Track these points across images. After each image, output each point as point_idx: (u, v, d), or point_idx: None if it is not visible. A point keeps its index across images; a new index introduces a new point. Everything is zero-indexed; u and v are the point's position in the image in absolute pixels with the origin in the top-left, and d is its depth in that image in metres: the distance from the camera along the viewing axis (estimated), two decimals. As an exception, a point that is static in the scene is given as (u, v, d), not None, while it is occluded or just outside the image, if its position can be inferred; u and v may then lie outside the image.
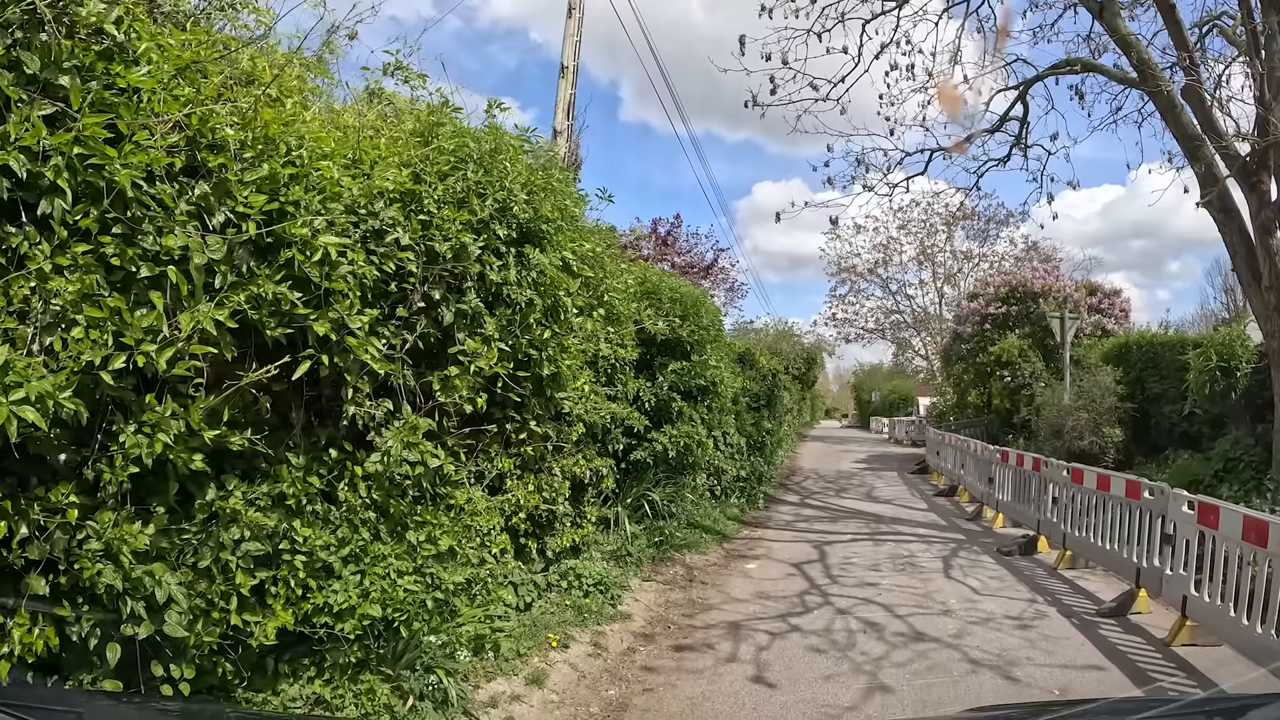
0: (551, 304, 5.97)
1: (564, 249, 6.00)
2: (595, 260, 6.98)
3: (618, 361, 7.97)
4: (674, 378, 10.68)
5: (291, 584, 4.83)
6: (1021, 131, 17.18)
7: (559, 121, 12.74)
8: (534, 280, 5.63)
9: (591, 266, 6.88)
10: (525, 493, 6.81)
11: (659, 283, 10.83)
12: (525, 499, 6.81)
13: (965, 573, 10.11)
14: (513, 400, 6.31)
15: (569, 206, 6.46)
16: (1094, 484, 9.93)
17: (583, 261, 6.40)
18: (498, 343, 5.39)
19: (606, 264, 7.66)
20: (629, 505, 10.75)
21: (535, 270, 5.60)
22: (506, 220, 5.50)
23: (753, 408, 16.19)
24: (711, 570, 10.24)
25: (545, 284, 5.72)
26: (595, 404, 7.65)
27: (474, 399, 5.40)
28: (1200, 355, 13.25)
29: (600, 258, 7.33)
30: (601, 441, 8.62)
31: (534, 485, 6.93)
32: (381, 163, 4.97)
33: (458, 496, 6.12)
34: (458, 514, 5.98)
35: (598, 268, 7.12)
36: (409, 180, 4.93)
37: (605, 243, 7.53)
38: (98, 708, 2.43)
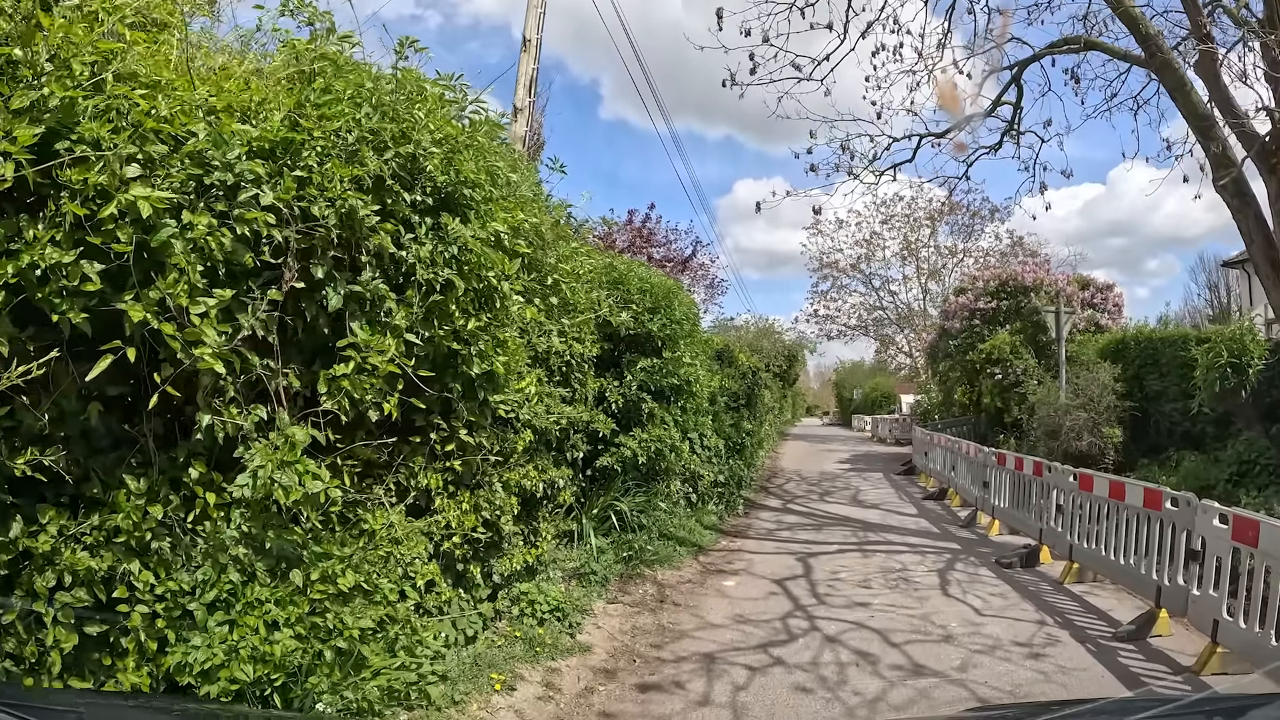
0: (482, 289, 4.95)
1: (494, 221, 4.97)
2: (538, 237, 5.95)
3: (574, 358, 6.95)
4: (643, 376, 9.68)
5: (143, 637, 3.83)
6: (1014, 117, 16.30)
7: (519, 98, 11.73)
8: (455, 258, 4.62)
9: (535, 244, 5.87)
10: (458, 513, 5.81)
11: (626, 271, 9.83)
12: (459, 520, 5.81)
13: (964, 589, 9.17)
14: (440, 405, 5.34)
15: (502, 170, 5.43)
16: (1105, 491, 9.02)
17: (520, 237, 5.38)
18: (408, 334, 4.38)
19: (559, 245, 6.64)
20: (595, 517, 9.75)
21: (455, 245, 4.58)
22: (419, 183, 4.48)
23: (731, 407, 15.19)
24: (685, 588, 9.25)
25: (470, 263, 4.71)
26: (549, 407, 6.65)
27: (380, 403, 4.38)
28: (1208, 351, 12.36)
29: (545, 235, 6.32)
30: (558, 449, 7.62)
31: (469, 503, 5.93)
32: (256, 108, 3.95)
33: (371, 521, 5.13)
34: (370, 543, 4.99)
35: (543, 246, 6.10)
36: (284, 127, 3.90)
37: (556, 218, 6.49)
38: (98, 708, 2.35)
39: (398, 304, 4.39)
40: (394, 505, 5.62)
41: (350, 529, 5.24)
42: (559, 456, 7.66)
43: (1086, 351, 17.86)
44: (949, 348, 23.92)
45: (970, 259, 45.33)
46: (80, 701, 2.51)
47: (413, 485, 5.52)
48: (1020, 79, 15.68)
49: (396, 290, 4.50)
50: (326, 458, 4.26)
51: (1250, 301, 28.97)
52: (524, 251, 5.30)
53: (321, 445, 4.15)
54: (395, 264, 4.50)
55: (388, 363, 4.08)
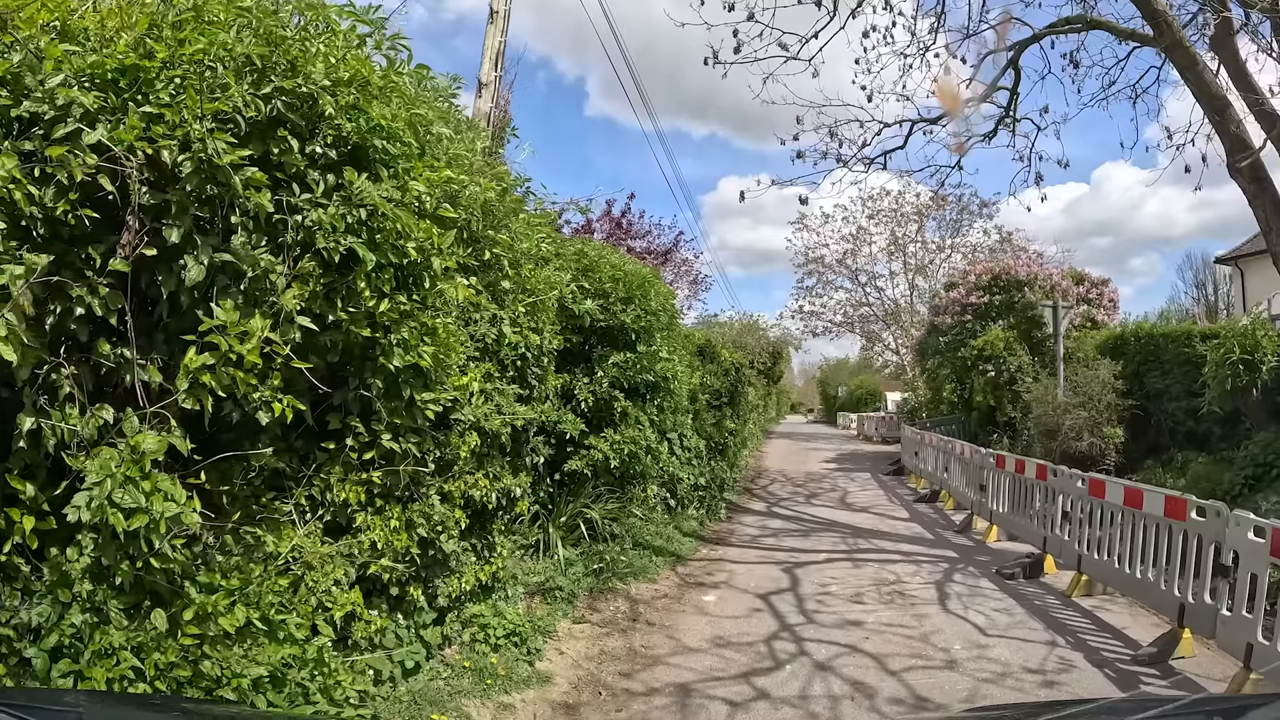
0: (405, 265, 4.12)
1: (416, 180, 4.13)
2: (484, 210, 5.11)
3: (531, 351, 6.10)
4: (616, 372, 8.85)
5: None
6: (1011, 103, 15.55)
7: (484, 72, 10.88)
8: (363, 224, 3.77)
9: (476, 216, 5.02)
10: (385, 531, 4.96)
11: (597, 258, 8.99)
12: (386, 539, 4.96)
13: (965, 604, 8.40)
14: (359, 405, 4.51)
15: (427, 120, 4.58)
16: (1120, 498, 8.25)
17: (453, 202, 4.53)
18: (300, 317, 3.53)
19: (511, 220, 5.79)
20: (563, 526, 8.93)
21: (363, 208, 3.74)
22: (320, 132, 3.64)
23: (713, 406, 14.37)
24: (661, 604, 8.43)
25: (385, 231, 3.86)
26: (499, 406, 5.81)
27: (271, 402, 3.55)
28: (1218, 347, 11.64)
29: (495, 208, 5.47)
30: (514, 454, 6.78)
31: (400, 519, 5.08)
32: (99, 30, 3.10)
33: (274, 542, 4.30)
34: (268, 569, 4.16)
35: (494, 222, 5.25)
36: (132, 53, 3.04)
37: (506, 187, 5.62)
38: (98, 708, 2.20)
39: (290, 280, 3.54)
40: (307, 524, 4.80)
41: (250, 554, 4.41)
42: (516, 462, 6.83)
43: (1084, 348, 17.14)
44: (938, 344, 23.17)
45: (958, 255, 44.66)
46: (80, 701, 2.39)
47: (328, 500, 4.69)
48: (1018, 62, 14.94)
49: (293, 263, 3.66)
50: (203, 469, 3.41)
51: (1244, 298, 28.36)
52: (450, 216, 4.44)
53: (202, 454, 3.30)
54: (293, 231, 3.66)
55: (254, 351, 3.22)
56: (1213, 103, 10.99)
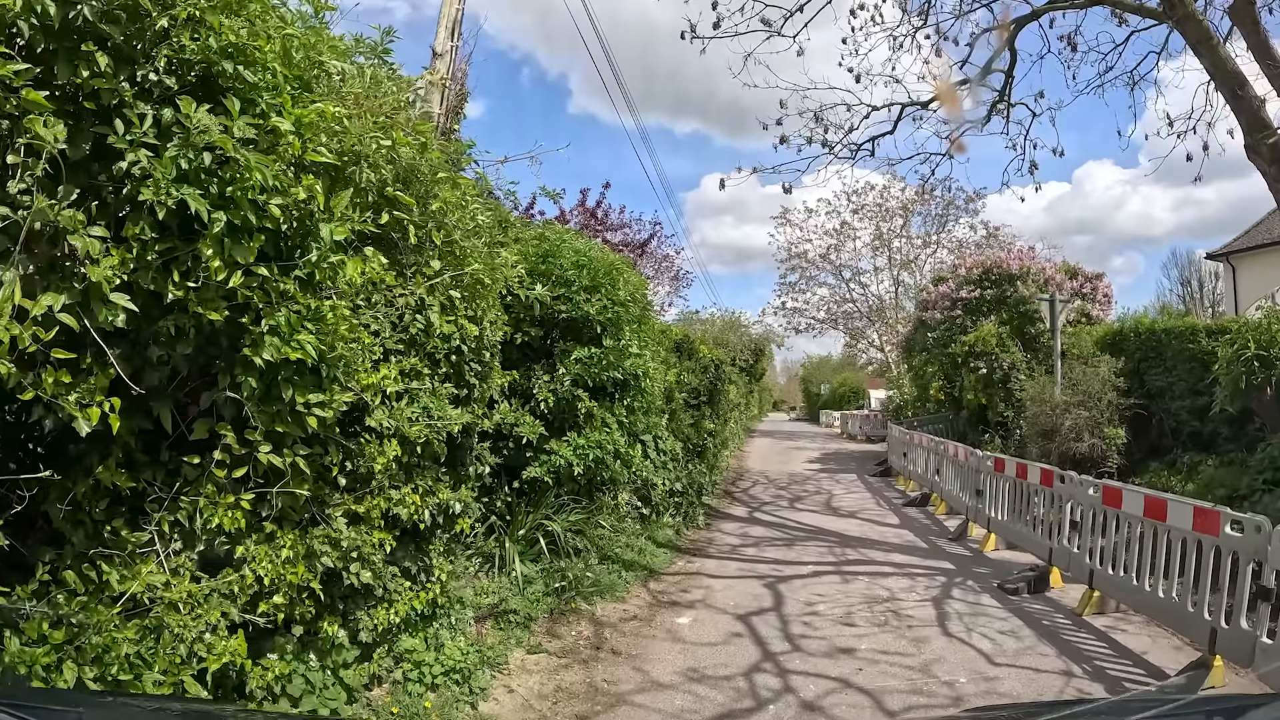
0: (284, 230, 3.21)
1: (280, 116, 3.20)
2: (411, 171, 4.17)
3: (468, 344, 5.17)
4: (579, 369, 7.93)
5: None
6: (1006, 86, 14.75)
7: (440, 42, 9.93)
8: (209, 171, 2.86)
9: (381, 170, 4.09)
10: (275, 563, 4.04)
11: (559, 241, 8.08)
12: (277, 573, 4.04)
13: (967, 626, 7.55)
14: (232, 411, 3.59)
15: (310, 45, 3.65)
16: (1138, 508, 7.42)
17: (340, 147, 3.61)
18: (114, 294, 2.63)
19: (441, 187, 4.85)
20: (521, 539, 8.02)
21: (208, 151, 2.82)
22: (157, 54, 2.73)
23: (691, 405, 13.45)
24: (629, 629, 7.52)
25: (241, 183, 2.95)
26: (427, 408, 4.89)
27: (87, 404, 2.63)
28: (1230, 343, 10.84)
29: (421, 169, 4.54)
30: (453, 463, 5.87)
31: (294, 548, 4.16)
32: None
33: (129, 580, 3.40)
34: (125, 613, 3.28)
35: (423, 191, 4.31)
36: None
37: (420, 140, 4.65)
38: (98, 708, 2.31)
39: (109, 246, 2.62)
40: (179, 555, 3.88)
41: (94, 595, 3.49)
42: (456, 472, 5.91)
43: (1082, 344, 16.34)
44: (926, 340, 22.35)
45: (944, 250, 43.99)
46: (80, 701, 2.46)
47: (199, 527, 3.76)
48: (1014, 43, 14.13)
49: (117, 223, 2.74)
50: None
51: (1235, 294, 27.74)
52: (326, 162, 3.50)
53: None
54: (116, 182, 2.74)
55: (25, 332, 2.30)
56: (1228, 80, 10.19)
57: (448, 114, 9.49)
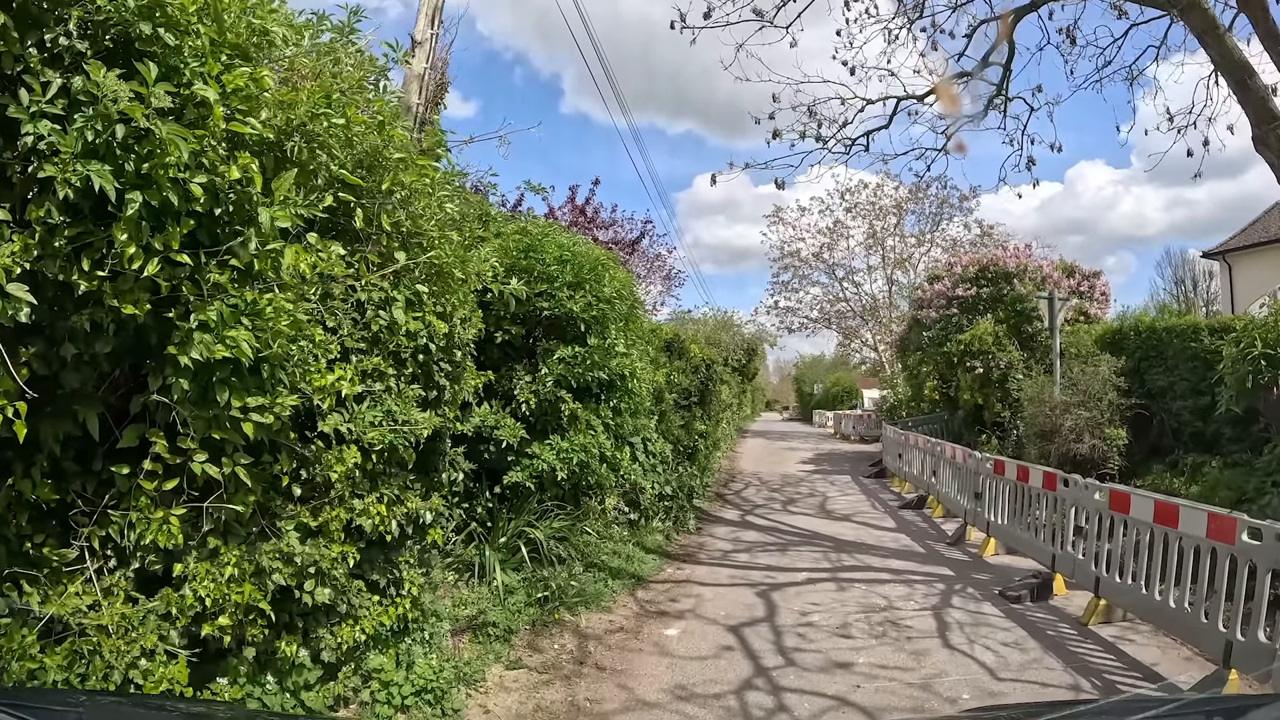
0: (201, 211, 2.84)
1: (203, 83, 2.83)
2: (331, 135, 3.79)
3: (437, 341, 4.80)
4: (562, 369, 7.57)
5: None
6: (1003, 80, 14.43)
7: (419, 30, 9.52)
8: (123, 145, 2.51)
9: (333, 150, 3.72)
10: (219, 582, 3.68)
11: (541, 235, 7.72)
12: (220, 592, 3.68)
13: (969, 637, 7.20)
14: (163, 415, 3.23)
15: (251, 9, 3.28)
16: (1148, 514, 7.09)
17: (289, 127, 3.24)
18: (15, 285, 2.27)
19: (404, 173, 4.48)
20: (502, 547, 7.66)
21: (121, 123, 2.47)
22: (64, 14, 2.38)
23: (681, 405, 13.07)
24: (615, 641, 7.16)
25: (160, 160, 2.59)
26: (390, 411, 4.53)
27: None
28: (1237, 342, 10.51)
29: (380, 149, 4.17)
30: (425, 469, 5.51)
31: (240, 565, 3.80)
32: None
33: (51, 601, 3.05)
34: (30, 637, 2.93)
35: (380, 174, 3.93)
36: None
37: (378, 119, 4.26)
38: (97, 708, 2.28)
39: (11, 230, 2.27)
40: (113, 573, 3.52)
41: (18, 618, 3.12)
42: (428, 479, 5.55)
43: (1079, 343, 16.00)
44: (921, 339, 21.99)
45: (938, 248, 43.71)
46: (80, 701, 2.42)
47: (132, 544, 3.40)
48: (1012, 34, 13.81)
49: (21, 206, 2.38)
50: None
51: (1232, 293, 27.49)
52: (259, 134, 3.13)
53: None
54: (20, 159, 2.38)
55: None
56: (1235, 70, 9.89)
57: (426, 104, 9.10)
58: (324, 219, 3.85)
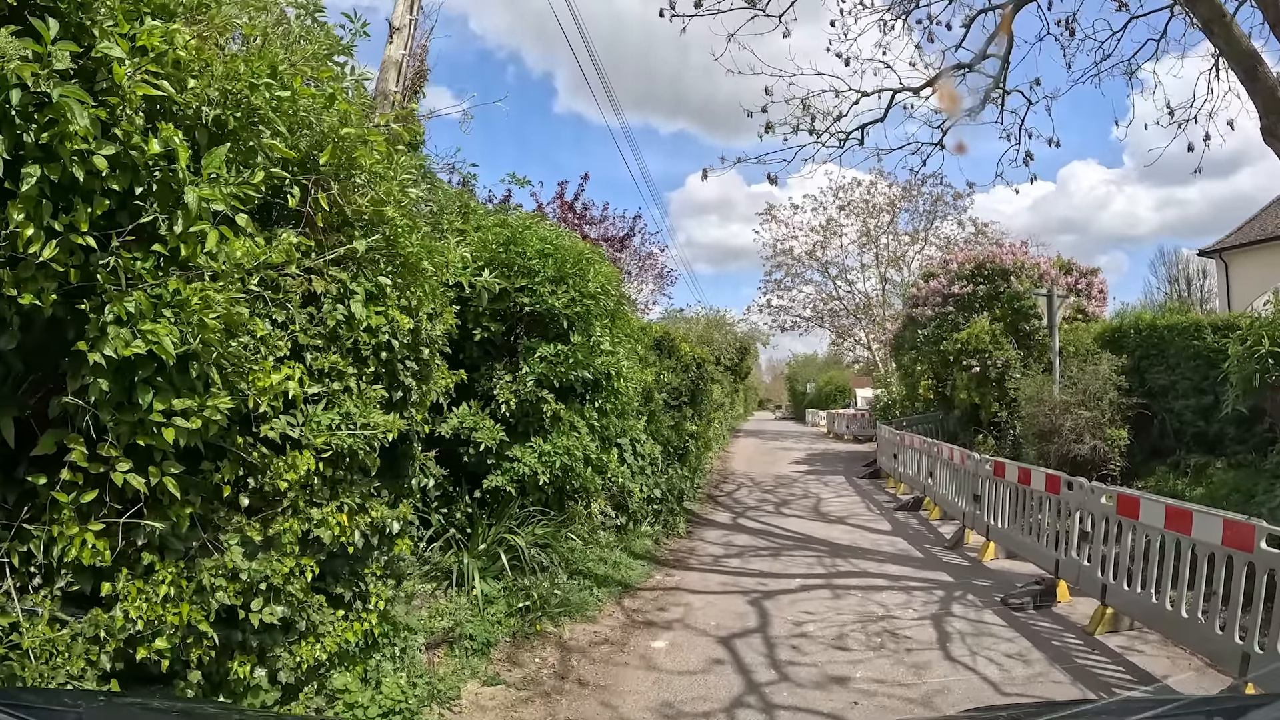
0: (119, 190, 2.49)
1: (119, 38, 2.48)
2: (272, 107, 3.42)
3: (401, 338, 4.43)
4: (544, 368, 7.21)
5: None
6: (1001, 72, 14.11)
7: (398, 15, 9.18)
8: (17, 108, 2.17)
9: (275, 123, 3.36)
10: (151, 604, 3.32)
11: (522, 228, 7.35)
12: (155, 612, 3.33)
13: (971, 648, 6.87)
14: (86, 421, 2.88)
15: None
16: (1158, 519, 6.77)
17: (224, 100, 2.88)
18: None
19: (364, 154, 4.10)
20: (481, 555, 7.31)
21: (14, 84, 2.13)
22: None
23: (671, 405, 12.71)
24: (599, 654, 6.80)
25: (61, 125, 2.24)
26: (347, 414, 4.16)
27: None
28: (1241, 340, 10.20)
29: (331, 124, 3.79)
30: (392, 475, 5.14)
31: (174, 583, 3.44)
32: None
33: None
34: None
35: (276, 120, 3.54)
36: None
37: (326, 92, 3.88)
38: (98, 708, 2.27)
39: None
40: (37, 592, 3.16)
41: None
42: (396, 486, 5.18)
43: (1077, 341, 15.68)
44: (916, 338, 21.64)
45: (932, 246, 43.42)
46: (80, 701, 2.40)
47: (55, 560, 3.04)
48: (1011, 25, 13.48)
49: None
50: None
51: (1228, 291, 27.24)
52: (169, 95, 2.76)
53: None
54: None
55: None
56: (1243, 59, 9.57)
57: (405, 91, 8.75)
58: (279, 205, 3.48)
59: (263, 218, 3.92)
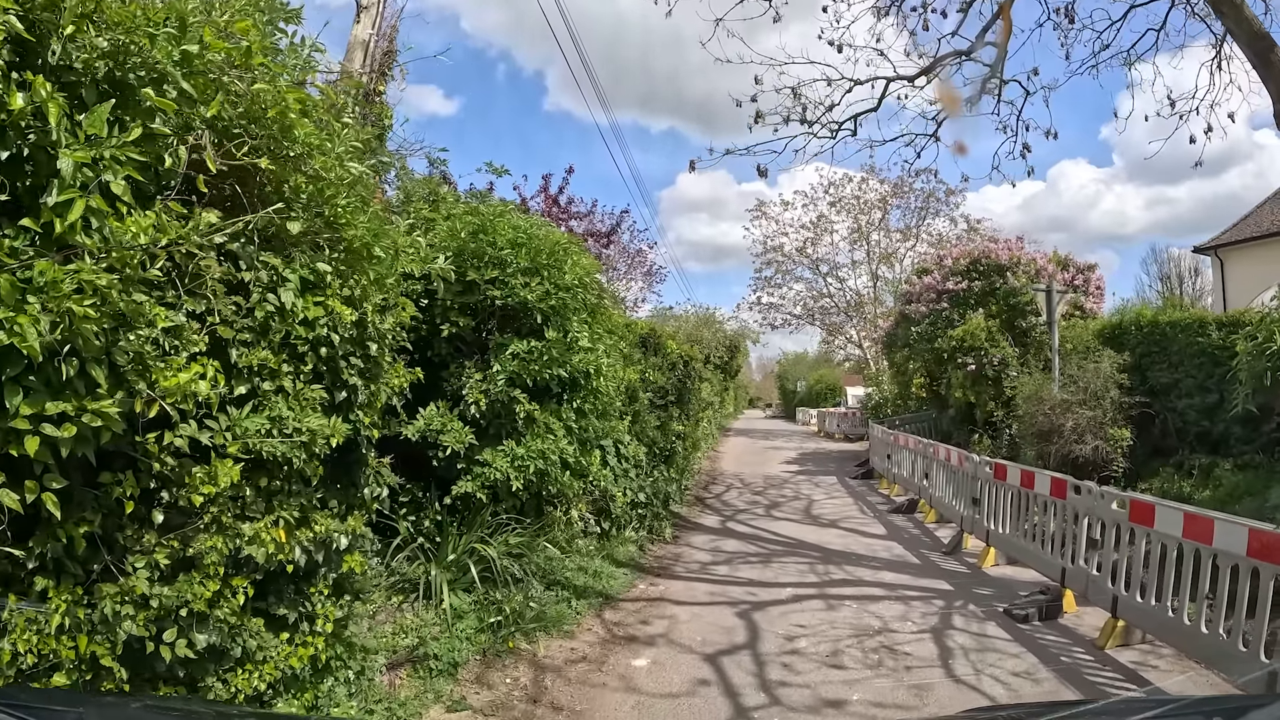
0: None
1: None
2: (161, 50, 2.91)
3: (343, 332, 3.92)
4: (516, 366, 6.71)
5: None
6: (999, 61, 13.68)
7: (367, -8, 8.67)
8: None
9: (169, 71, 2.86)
10: (43, 636, 2.85)
11: (493, 215, 6.85)
12: (47, 645, 2.86)
13: (976, 666, 6.40)
14: None
15: None
16: (1176, 528, 6.31)
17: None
18: None
19: (296, 120, 3.60)
20: (450, 566, 6.82)
21: None
22: None
23: (657, 405, 12.20)
24: (576, 674, 6.31)
25: None
26: (277, 417, 3.66)
27: None
28: (1251, 337, 9.77)
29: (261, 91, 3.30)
30: (342, 484, 4.64)
31: (68, 613, 2.95)
32: None
33: None
34: None
35: (172, 71, 3.03)
36: None
37: (240, 43, 3.37)
38: (98, 708, 2.28)
39: None
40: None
41: None
42: (346, 496, 4.67)
43: (1076, 337, 15.25)
44: (909, 335, 21.15)
45: (924, 244, 43.01)
46: (80, 701, 2.39)
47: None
48: (1009, 11, 13.04)
49: None
50: None
51: (1224, 288, 26.87)
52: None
53: None
54: None
55: None
56: (1255, 42, 9.18)
57: (373, 73, 8.24)
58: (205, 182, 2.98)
59: (182, 195, 3.42)
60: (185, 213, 3.28)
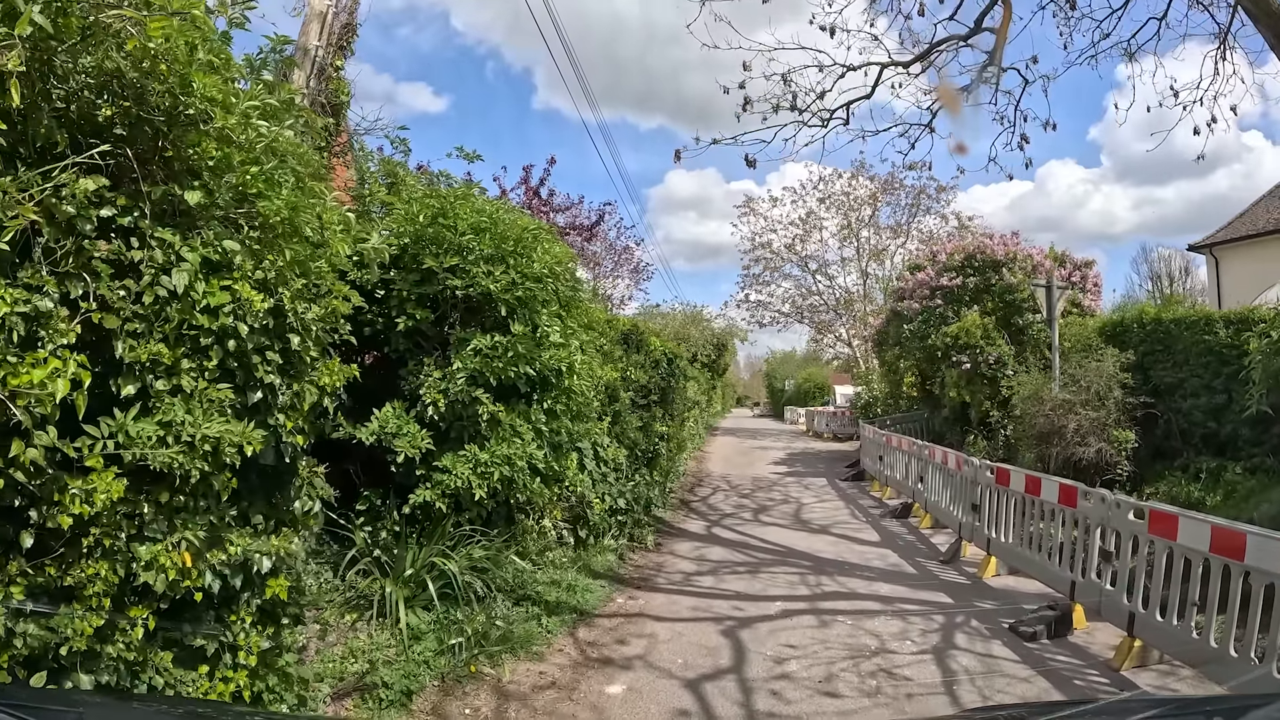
0: None
1: None
2: None
3: (254, 322, 3.31)
4: (479, 363, 6.11)
5: None
6: (998, 48, 13.18)
7: (326, -39, 8.04)
8: None
9: None
10: None
11: (454, 199, 6.25)
12: None
13: (983, 692, 5.86)
14: None
15: None
16: (1202, 541, 5.77)
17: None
18: None
19: (200, 77, 3.01)
20: (408, 581, 6.22)
21: None
22: None
23: (639, 405, 11.59)
24: (543, 703, 5.70)
25: None
26: (169, 422, 3.06)
27: None
28: (1264, 335, 9.28)
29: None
30: (266, 496, 4.03)
31: None
32: None
33: None
34: None
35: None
36: None
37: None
38: (98, 708, 2.27)
39: None
40: None
41: None
42: (274, 511, 4.07)
43: (1079, 335, 14.73)
44: (901, 333, 20.58)
45: (915, 241, 42.57)
46: (80, 701, 2.39)
47: None
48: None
49: None
50: None
51: (1219, 287, 26.50)
52: None
53: None
54: None
55: None
56: (1274, 24, 8.66)
57: (330, 48, 7.63)
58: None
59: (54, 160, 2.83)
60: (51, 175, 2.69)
